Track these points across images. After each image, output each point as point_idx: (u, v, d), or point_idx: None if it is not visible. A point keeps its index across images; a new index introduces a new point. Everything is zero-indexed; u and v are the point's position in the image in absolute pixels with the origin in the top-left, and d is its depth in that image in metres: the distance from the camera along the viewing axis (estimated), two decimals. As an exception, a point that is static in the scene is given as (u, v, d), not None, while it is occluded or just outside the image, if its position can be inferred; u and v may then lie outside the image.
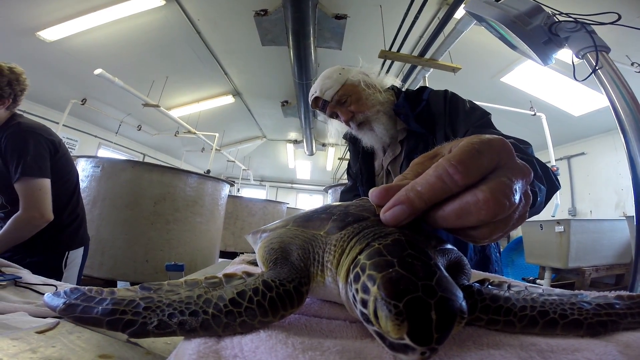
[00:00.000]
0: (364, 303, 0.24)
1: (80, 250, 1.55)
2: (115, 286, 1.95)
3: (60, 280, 1.39)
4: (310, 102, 1.12)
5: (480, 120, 0.92)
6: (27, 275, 0.89)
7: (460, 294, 0.24)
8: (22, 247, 1.35)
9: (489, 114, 0.94)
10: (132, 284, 2.60)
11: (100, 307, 0.27)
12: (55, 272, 1.42)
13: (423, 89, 1.07)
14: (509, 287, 0.37)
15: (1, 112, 1.33)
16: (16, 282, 0.82)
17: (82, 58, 4.55)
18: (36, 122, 1.43)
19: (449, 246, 0.45)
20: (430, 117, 1.00)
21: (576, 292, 0.36)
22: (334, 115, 1.10)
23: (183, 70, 5.27)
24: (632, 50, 3.07)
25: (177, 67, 5.15)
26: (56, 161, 1.41)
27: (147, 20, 4.02)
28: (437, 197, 0.28)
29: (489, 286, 0.37)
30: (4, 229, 1.30)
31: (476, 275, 0.68)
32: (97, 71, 4.22)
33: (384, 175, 1.14)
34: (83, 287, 0.29)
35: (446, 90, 1.04)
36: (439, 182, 0.27)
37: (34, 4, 3.57)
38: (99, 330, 0.27)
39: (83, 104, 5.67)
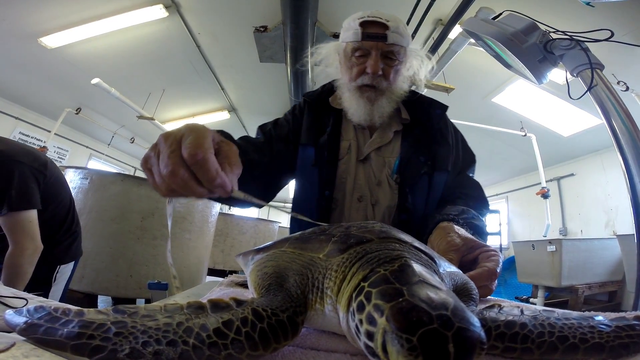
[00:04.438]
0: (370, 335, 0.22)
1: (71, 264, 1.54)
2: (96, 300, 1.90)
3: (48, 293, 1.42)
4: (360, 19, 0.92)
5: (471, 167, 1.07)
6: (-5, 287, 0.83)
7: (478, 323, 0.21)
8: None
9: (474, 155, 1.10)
10: (114, 298, 2.50)
11: (65, 330, 0.24)
12: (45, 285, 1.40)
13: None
14: (522, 312, 0.35)
15: None
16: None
17: (81, 66, 4.52)
18: (19, 147, 1.36)
19: (455, 269, 0.43)
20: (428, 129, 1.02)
21: (593, 313, 0.36)
22: (366, 55, 0.93)
23: (180, 84, 5.27)
24: (618, 69, 3.06)
25: (175, 80, 5.14)
26: (46, 185, 1.37)
27: (149, 31, 4.04)
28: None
29: (501, 311, 0.36)
30: (3, 273, 1.24)
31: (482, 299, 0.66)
32: (95, 80, 4.19)
33: (351, 159, 0.99)
34: (49, 306, 0.27)
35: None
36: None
37: (40, 9, 3.55)
38: (62, 355, 0.24)
39: (77, 113, 5.59)
